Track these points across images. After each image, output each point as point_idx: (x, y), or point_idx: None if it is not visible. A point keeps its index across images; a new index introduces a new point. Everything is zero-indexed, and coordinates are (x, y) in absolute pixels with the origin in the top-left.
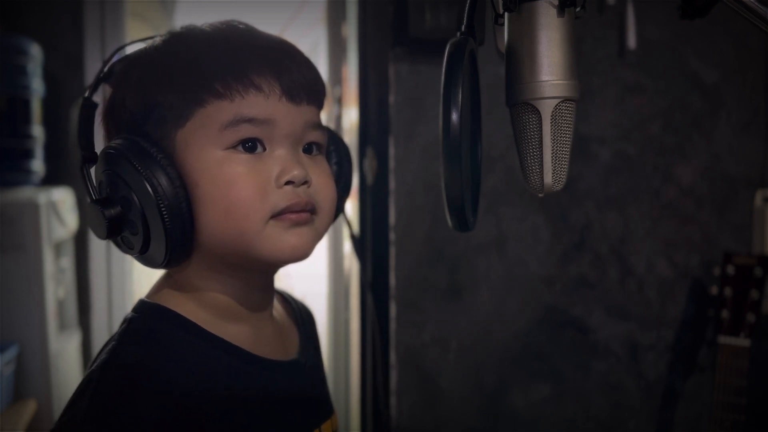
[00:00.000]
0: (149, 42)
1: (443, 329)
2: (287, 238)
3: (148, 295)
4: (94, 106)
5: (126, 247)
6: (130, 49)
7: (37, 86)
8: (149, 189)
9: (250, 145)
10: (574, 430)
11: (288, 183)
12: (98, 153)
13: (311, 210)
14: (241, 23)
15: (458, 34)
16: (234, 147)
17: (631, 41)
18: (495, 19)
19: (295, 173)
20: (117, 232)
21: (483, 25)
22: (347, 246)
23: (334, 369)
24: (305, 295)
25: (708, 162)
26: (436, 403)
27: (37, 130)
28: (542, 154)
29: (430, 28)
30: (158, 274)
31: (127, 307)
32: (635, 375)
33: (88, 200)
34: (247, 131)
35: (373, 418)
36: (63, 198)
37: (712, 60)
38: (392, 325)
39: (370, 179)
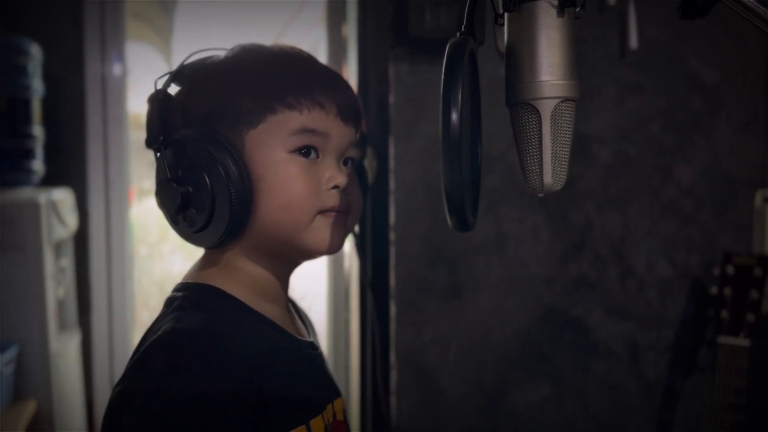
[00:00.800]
0: (223, 53)
1: (443, 329)
2: (329, 234)
3: (188, 277)
4: (170, 98)
5: (186, 225)
6: (200, 55)
7: (37, 86)
8: (222, 173)
9: (306, 152)
10: (574, 430)
11: (334, 187)
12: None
13: (347, 212)
14: (302, 50)
15: (458, 34)
16: (295, 151)
17: (632, 41)
18: (495, 19)
19: (341, 180)
20: (184, 208)
21: (483, 25)
22: (347, 246)
23: (334, 369)
24: (305, 295)
25: (708, 162)
26: (436, 403)
27: (37, 130)
28: (542, 154)
29: (430, 28)
30: (161, 274)
31: (127, 307)
32: (635, 375)
33: (159, 179)
34: (309, 140)
35: (373, 418)
36: (63, 198)
37: (712, 60)
38: (392, 325)
39: (370, 179)
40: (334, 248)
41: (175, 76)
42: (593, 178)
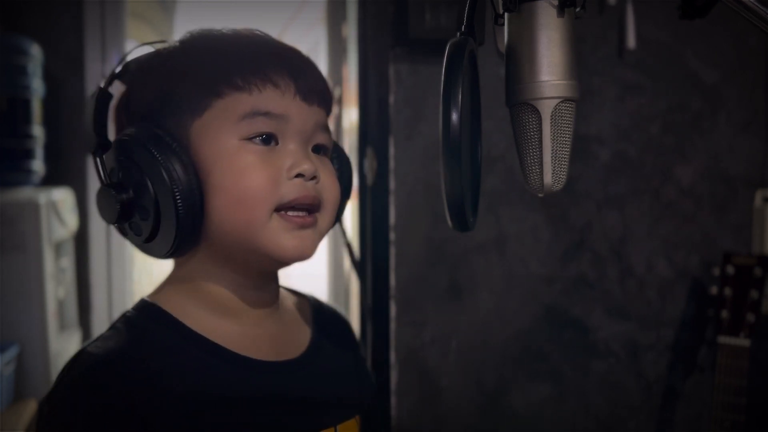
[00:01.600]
0: (167, 43)
1: (443, 329)
2: (291, 238)
3: (150, 294)
4: (110, 96)
5: (133, 234)
6: (146, 49)
7: (37, 86)
8: (164, 174)
9: (264, 138)
10: (574, 430)
11: (298, 176)
12: (111, 141)
13: (316, 208)
14: (259, 31)
15: (458, 34)
16: (249, 139)
17: (631, 41)
18: (495, 19)
19: (306, 167)
20: (127, 216)
21: (483, 25)
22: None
23: None
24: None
25: (708, 162)
26: (436, 403)
27: (37, 130)
28: (542, 154)
29: (430, 28)
30: (160, 273)
31: (128, 307)
32: (635, 375)
33: (100, 185)
34: (262, 124)
35: (373, 419)
36: (63, 198)
37: (712, 60)
38: (392, 325)
39: (370, 179)
40: (299, 255)
41: (117, 74)
42: (593, 178)
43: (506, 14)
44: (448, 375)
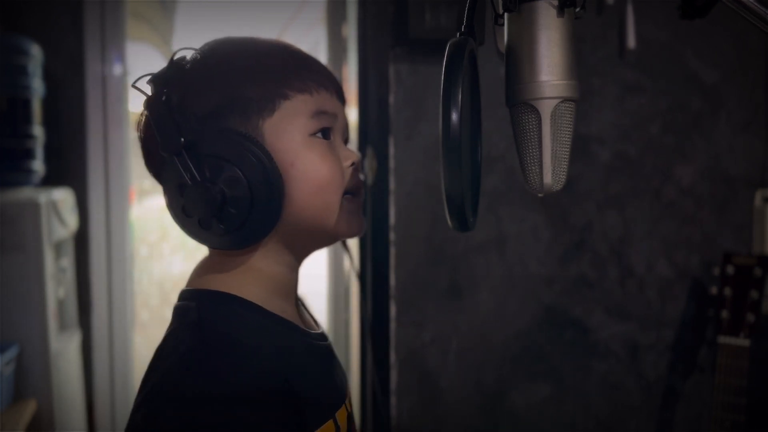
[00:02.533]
0: (202, 49)
1: (443, 329)
2: (355, 215)
3: (196, 283)
4: (170, 100)
5: (221, 227)
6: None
7: (37, 86)
8: (257, 165)
9: (324, 133)
10: (574, 430)
11: (351, 165)
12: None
13: (362, 190)
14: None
15: (458, 34)
16: (314, 134)
17: (631, 41)
18: (495, 19)
19: (355, 157)
20: (222, 209)
21: (483, 25)
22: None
23: None
24: (305, 295)
25: (708, 162)
26: (436, 403)
27: (37, 130)
28: (542, 154)
29: (430, 28)
30: (160, 273)
31: (127, 307)
32: (635, 375)
33: (189, 183)
34: (325, 121)
35: (373, 418)
36: (63, 198)
37: (712, 60)
38: (392, 325)
39: (370, 179)
40: (362, 229)
41: (165, 79)
42: (593, 178)
43: (506, 14)
44: (448, 375)
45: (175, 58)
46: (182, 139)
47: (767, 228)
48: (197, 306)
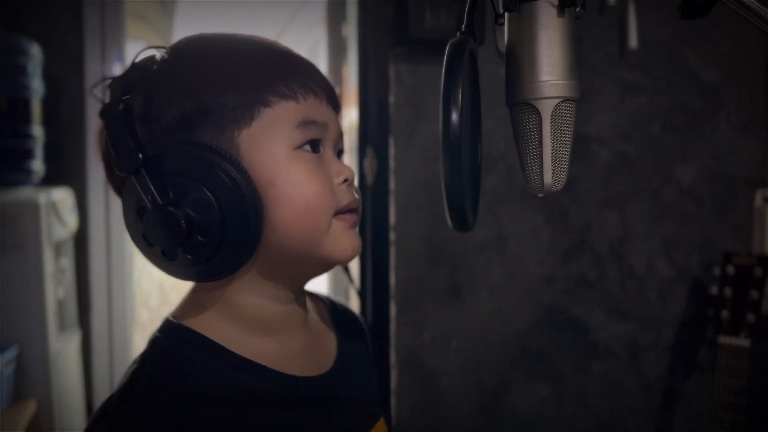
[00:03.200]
0: (173, 48)
1: (443, 329)
2: (348, 238)
3: (174, 314)
4: (130, 108)
5: (188, 257)
6: (141, 54)
7: (37, 86)
8: (229, 184)
9: (311, 146)
10: (574, 430)
11: (344, 182)
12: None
13: (358, 209)
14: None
15: (458, 34)
16: (299, 147)
17: (633, 41)
18: (495, 19)
19: (349, 173)
20: (190, 236)
21: (483, 25)
22: None
23: None
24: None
25: (708, 162)
26: (436, 403)
27: (37, 130)
28: (542, 154)
29: (430, 28)
30: (160, 273)
31: (127, 307)
32: (635, 375)
33: (151, 206)
34: (313, 132)
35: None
36: (63, 198)
37: (712, 60)
38: (392, 325)
39: (370, 179)
40: (356, 251)
41: (133, 81)
42: (593, 178)
43: (506, 14)
44: (449, 375)
45: (139, 59)
46: (140, 155)
47: (767, 228)
48: (155, 341)
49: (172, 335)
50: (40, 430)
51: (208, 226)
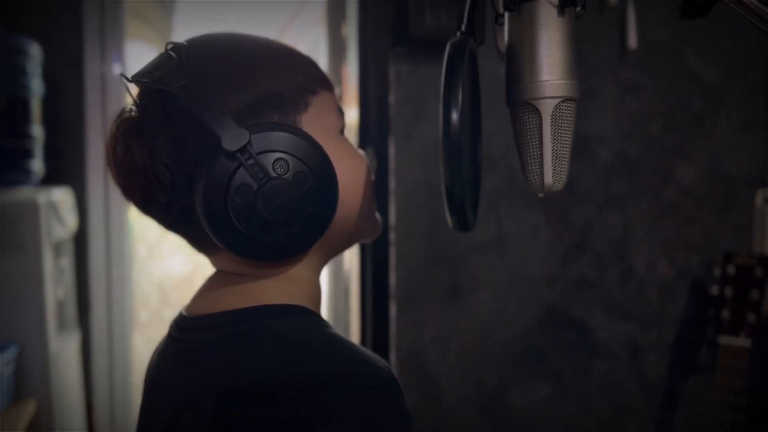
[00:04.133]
0: (202, 44)
1: (443, 329)
2: (377, 218)
3: (227, 304)
4: (191, 97)
5: (288, 229)
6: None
7: (37, 86)
8: (320, 160)
9: (342, 131)
10: (574, 430)
11: None
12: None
13: None
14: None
15: (458, 34)
16: (341, 132)
17: (633, 41)
18: (495, 19)
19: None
20: (299, 209)
21: (483, 25)
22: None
23: None
24: None
25: (708, 162)
26: (436, 403)
27: (37, 130)
28: (542, 154)
29: (430, 28)
30: (160, 274)
31: (127, 307)
32: (635, 375)
33: (266, 180)
34: (343, 119)
35: None
36: (63, 198)
37: (712, 60)
38: (392, 325)
39: None
40: (380, 229)
41: (176, 75)
42: (593, 178)
43: (506, 14)
44: (449, 375)
45: (170, 52)
46: (249, 135)
47: (767, 228)
48: (271, 326)
49: (279, 315)
50: (40, 430)
51: (308, 197)
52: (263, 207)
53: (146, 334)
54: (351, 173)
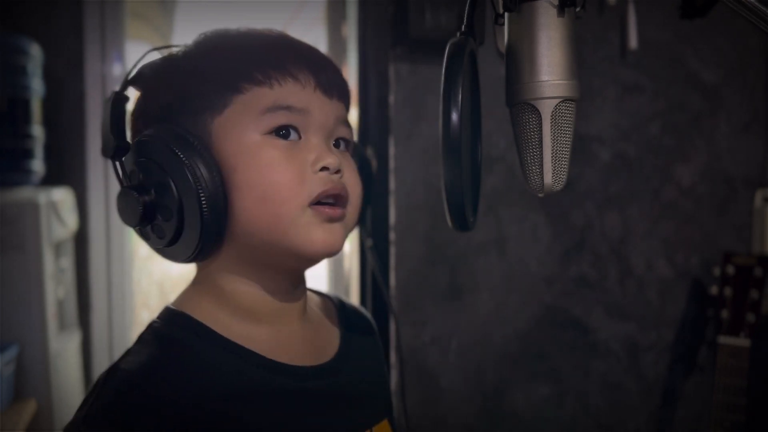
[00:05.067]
0: (180, 46)
1: (443, 329)
2: (320, 232)
3: (174, 302)
4: (126, 99)
5: (155, 237)
6: (156, 54)
7: (37, 86)
8: (187, 173)
9: (284, 132)
10: (574, 430)
11: (323, 169)
12: (129, 144)
13: (343, 202)
14: (275, 29)
15: (458, 34)
16: (271, 133)
17: (632, 42)
18: (495, 19)
19: (330, 160)
20: (150, 218)
21: (483, 25)
22: (347, 246)
23: None
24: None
25: (708, 162)
26: (436, 403)
27: (37, 130)
28: (542, 154)
29: (430, 28)
30: (160, 274)
31: (127, 307)
32: (635, 375)
33: (120, 188)
34: (284, 118)
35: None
36: (63, 198)
37: (712, 60)
38: (392, 325)
39: None
40: (330, 247)
41: (132, 80)
42: (593, 179)
43: (506, 14)
44: (449, 375)
45: (144, 58)
46: (115, 142)
47: (767, 228)
48: (150, 326)
49: (168, 319)
50: (40, 430)
51: (168, 209)
52: (121, 211)
53: None
54: (245, 185)
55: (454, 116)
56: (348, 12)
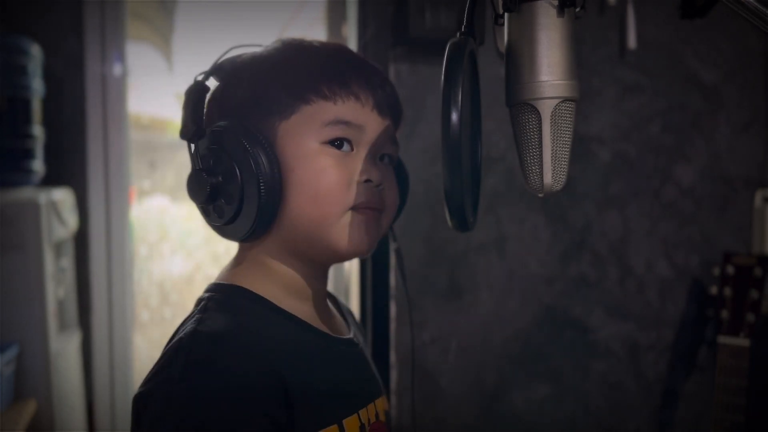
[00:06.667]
0: (261, 47)
1: (443, 329)
2: (358, 231)
3: (220, 278)
4: (207, 89)
5: (215, 215)
6: (240, 50)
7: (37, 86)
8: (252, 164)
9: (339, 144)
10: (574, 430)
11: (367, 181)
12: (204, 130)
13: (380, 212)
14: (345, 46)
15: (458, 34)
16: (328, 143)
17: (632, 42)
18: (495, 19)
19: (374, 175)
20: (213, 199)
21: (483, 25)
22: None
23: None
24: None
25: (708, 162)
26: (436, 403)
27: (37, 130)
28: (542, 154)
29: (430, 28)
30: (160, 274)
31: (127, 307)
32: (635, 375)
33: (192, 169)
34: (342, 131)
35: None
36: (63, 198)
37: (712, 60)
38: (392, 325)
39: None
40: (363, 247)
41: (213, 71)
42: (593, 179)
43: (506, 14)
44: (448, 375)
45: (234, 53)
46: (194, 128)
47: (767, 228)
48: (209, 297)
49: (226, 291)
50: (40, 430)
51: (231, 194)
52: (190, 190)
53: (147, 334)
54: (300, 184)
55: (454, 116)
56: (348, 12)
